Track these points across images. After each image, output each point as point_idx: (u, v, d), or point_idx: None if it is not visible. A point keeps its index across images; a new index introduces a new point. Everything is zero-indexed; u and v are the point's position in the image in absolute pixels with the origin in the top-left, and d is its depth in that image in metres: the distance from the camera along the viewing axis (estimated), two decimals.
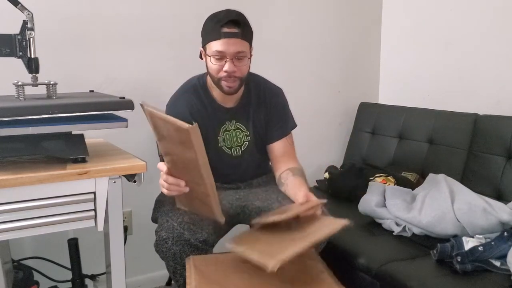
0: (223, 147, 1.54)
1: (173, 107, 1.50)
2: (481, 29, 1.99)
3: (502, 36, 1.91)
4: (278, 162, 1.57)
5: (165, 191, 1.27)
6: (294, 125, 1.63)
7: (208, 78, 1.51)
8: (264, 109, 1.56)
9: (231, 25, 1.35)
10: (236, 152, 1.56)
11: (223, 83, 1.42)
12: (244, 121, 1.56)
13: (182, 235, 1.28)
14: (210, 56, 1.39)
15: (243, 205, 1.53)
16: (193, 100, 1.50)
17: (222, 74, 1.40)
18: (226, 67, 1.38)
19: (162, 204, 1.49)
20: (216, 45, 1.36)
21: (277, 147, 1.57)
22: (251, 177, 1.63)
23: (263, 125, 1.57)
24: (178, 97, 1.52)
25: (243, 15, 1.41)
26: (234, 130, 1.55)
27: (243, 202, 1.54)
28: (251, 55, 1.44)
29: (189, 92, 1.51)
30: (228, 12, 1.39)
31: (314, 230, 1.16)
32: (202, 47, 1.44)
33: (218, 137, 1.53)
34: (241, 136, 1.55)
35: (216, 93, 1.51)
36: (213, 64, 1.39)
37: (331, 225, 1.16)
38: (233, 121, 1.54)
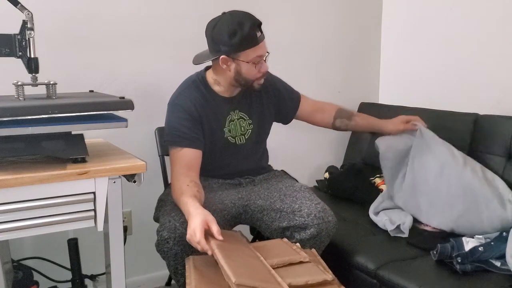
0: (228, 137, 1.56)
1: (176, 103, 1.51)
2: (481, 29, 1.99)
3: (502, 36, 1.91)
4: (316, 114, 1.74)
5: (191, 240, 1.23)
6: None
7: (209, 75, 1.54)
8: (265, 95, 1.61)
9: (259, 28, 1.42)
10: (240, 141, 1.58)
11: (256, 83, 1.49)
12: (247, 110, 1.59)
13: (183, 235, 1.28)
14: (248, 63, 1.43)
15: (245, 204, 1.54)
16: (195, 95, 1.51)
17: (258, 75, 1.47)
18: (264, 67, 1.47)
19: (164, 203, 1.50)
20: (256, 51, 1.43)
21: (304, 108, 1.72)
22: (253, 168, 1.64)
23: (270, 109, 1.63)
24: (180, 93, 1.53)
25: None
26: (238, 119, 1.58)
27: (245, 202, 1.54)
28: None
29: (190, 88, 1.53)
30: (249, 16, 1.42)
31: (295, 273, 1.14)
32: (228, 56, 1.42)
33: (224, 129, 1.55)
34: (244, 124, 1.58)
35: (217, 87, 1.54)
36: (253, 69, 1.45)
37: (313, 275, 1.13)
38: (236, 111, 1.58)
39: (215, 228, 1.20)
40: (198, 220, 1.20)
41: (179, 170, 1.44)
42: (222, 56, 1.43)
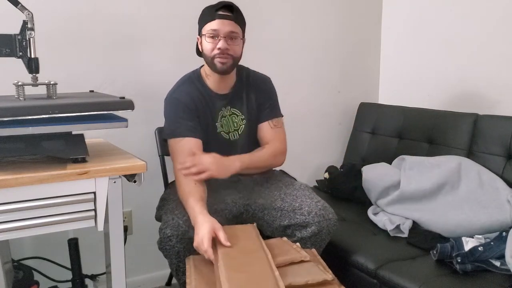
0: (221, 132, 1.57)
1: (173, 97, 1.53)
2: (481, 29, 1.99)
3: (502, 36, 1.91)
4: (262, 143, 1.62)
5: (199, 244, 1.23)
6: (281, 114, 1.66)
7: (202, 69, 1.57)
8: (256, 93, 1.62)
9: (225, 9, 1.45)
10: (234, 137, 1.59)
11: (216, 61, 1.47)
12: (239, 106, 1.60)
13: (187, 233, 1.28)
14: (204, 35, 1.47)
15: (246, 204, 1.54)
16: (191, 89, 1.54)
17: (216, 52, 1.46)
18: (220, 44, 1.45)
19: (167, 202, 1.50)
20: (210, 25, 1.45)
21: (265, 129, 1.61)
22: None
23: (255, 108, 1.63)
24: (176, 88, 1.56)
25: (235, 5, 1.49)
26: (230, 115, 1.59)
27: (246, 201, 1.54)
28: (244, 39, 1.52)
29: (186, 84, 1.56)
30: (222, 1, 1.48)
31: (295, 273, 1.14)
32: (199, 35, 1.52)
33: (216, 124, 1.56)
34: (236, 120, 1.59)
35: (210, 82, 1.55)
36: (207, 42, 1.47)
37: (313, 275, 1.14)
38: (228, 107, 1.59)
39: (222, 235, 1.21)
40: (206, 229, 1.21)
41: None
42: (197, 36, 1.52)
